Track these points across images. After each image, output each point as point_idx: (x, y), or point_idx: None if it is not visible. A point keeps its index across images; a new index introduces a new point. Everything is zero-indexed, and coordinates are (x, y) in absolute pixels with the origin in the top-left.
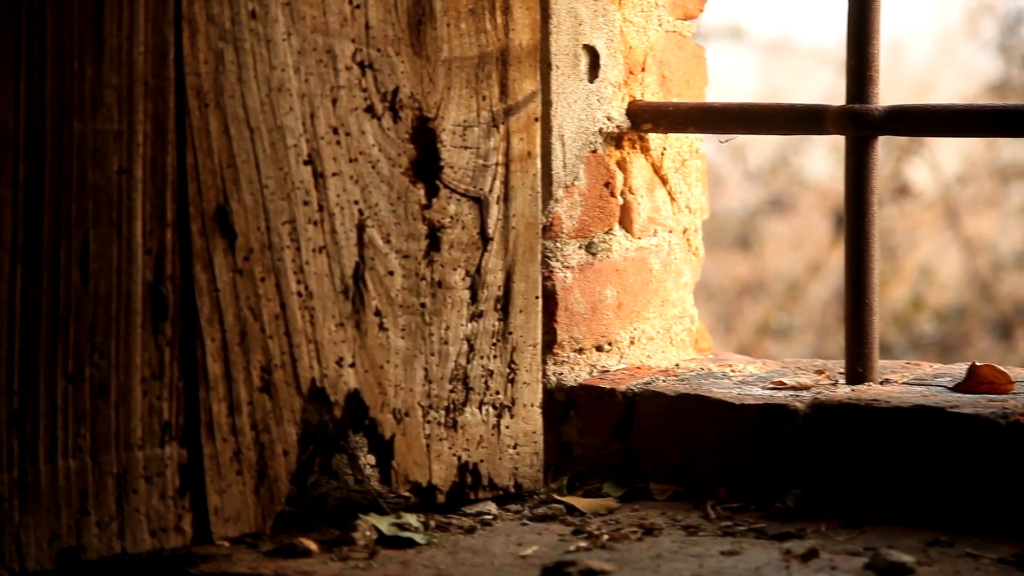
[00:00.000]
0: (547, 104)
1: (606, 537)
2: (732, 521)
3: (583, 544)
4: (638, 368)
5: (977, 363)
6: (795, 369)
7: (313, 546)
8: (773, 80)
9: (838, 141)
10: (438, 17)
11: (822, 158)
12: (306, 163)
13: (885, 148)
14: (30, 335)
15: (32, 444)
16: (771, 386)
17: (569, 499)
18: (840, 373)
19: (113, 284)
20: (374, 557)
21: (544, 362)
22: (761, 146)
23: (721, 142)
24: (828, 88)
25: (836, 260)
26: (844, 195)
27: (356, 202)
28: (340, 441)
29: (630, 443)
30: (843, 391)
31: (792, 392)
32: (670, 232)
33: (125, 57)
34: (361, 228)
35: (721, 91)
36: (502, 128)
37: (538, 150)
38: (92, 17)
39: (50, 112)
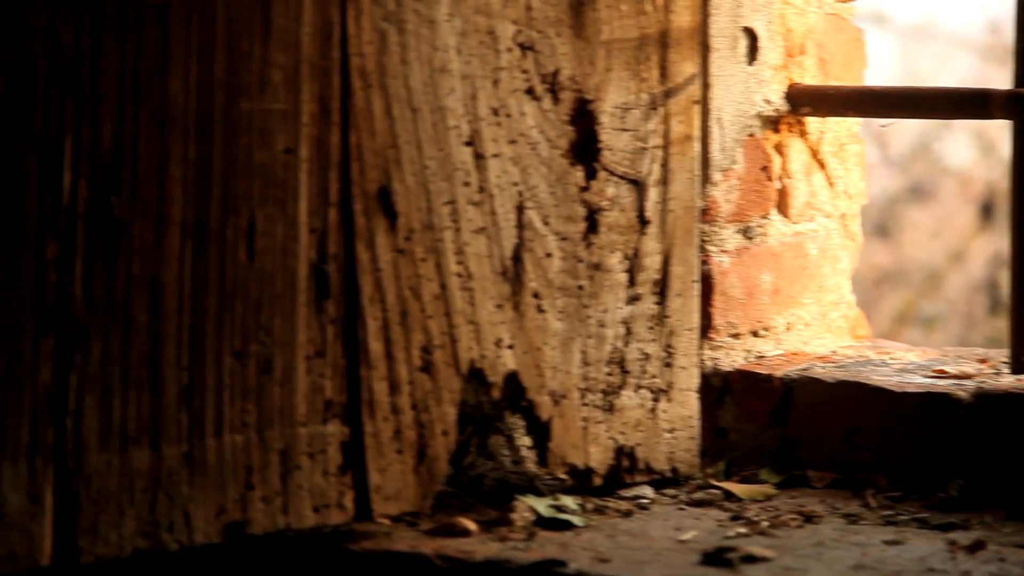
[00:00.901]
0: (705, 87)
1: (765, 523)
2: (893, 510)
3: (742, 530)
4: (795, 354)
5: None
6: (956, 358)
7: (472, 526)
8: (914, 66)
9: (981, 129)
10: None
11: (964, 144)
12: (467, 144)
13: None
14: (199, 311)
15: (200, 419)
16: (932, 374)
17: (726, 485)
18: (1003, 362)
19: (278, 262)
20: (532, 538)
21: (699, 347)
22: (901, 133)
23: (882, 126)
24: (970, 74)
25: (978, 249)
26: (1010, 181)
27: (515, 183)
28: (496, 422)
29: (787, 429)
30: (1008, 380)
31: (955, 381)
32: (827, 217)
33: (292, 37)
34: (520, 209)
35: None
36: (661, 110)
37: (697, 133)
38: None
39: (219, 92)
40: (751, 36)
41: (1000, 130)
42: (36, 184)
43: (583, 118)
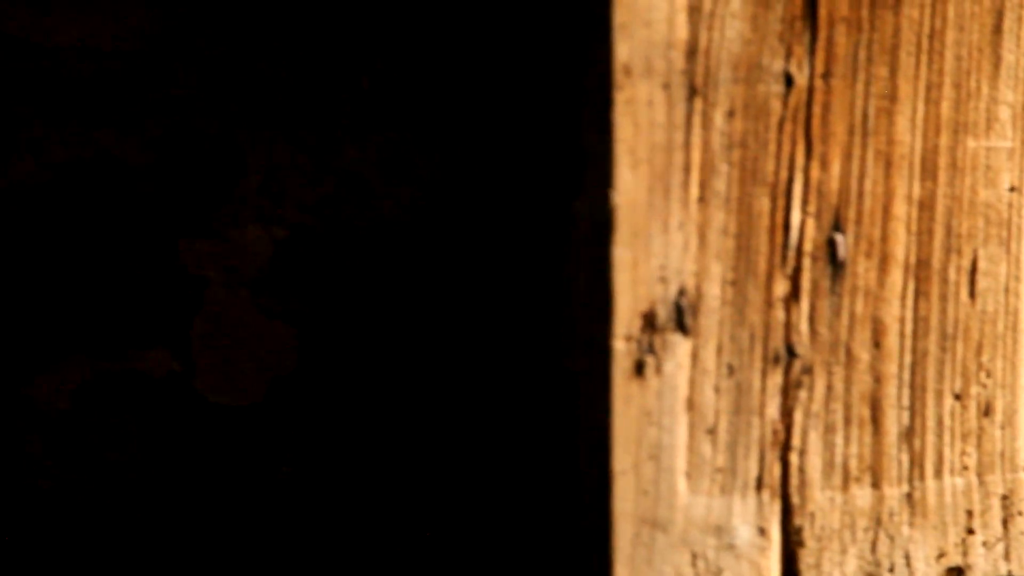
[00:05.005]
0: None
1: None
2: None
3: None
4: None
5: None
6: None
7: None
8: None
9: None
10: None
11: None
12: None
13: None
14: (919, 351)
15: (920, 459)
16: None
17: None
18: None
19: (1000, 303)
20: None
21: None
22: None
23: None
24: None
25: None
26: None
27: None
28: None
29: None
30: None
31: None
32: None
33: (1021, 73)
34: None
35: None
36: None
37: None
38: (991, 34)
39: (945, 130)
40: None
41: None
42: (768, 224)
43: None
